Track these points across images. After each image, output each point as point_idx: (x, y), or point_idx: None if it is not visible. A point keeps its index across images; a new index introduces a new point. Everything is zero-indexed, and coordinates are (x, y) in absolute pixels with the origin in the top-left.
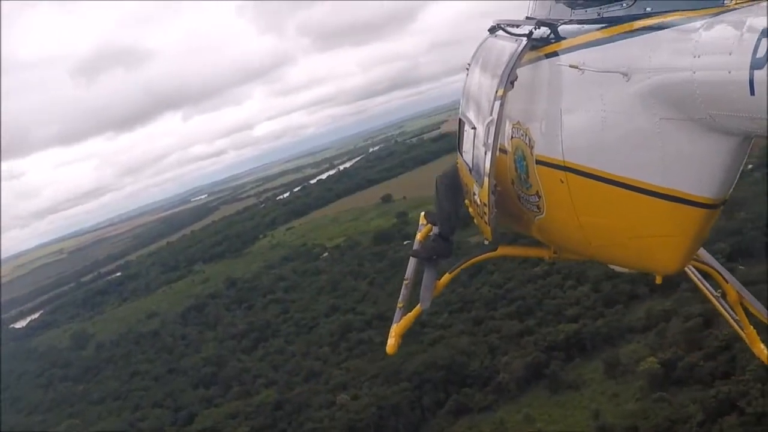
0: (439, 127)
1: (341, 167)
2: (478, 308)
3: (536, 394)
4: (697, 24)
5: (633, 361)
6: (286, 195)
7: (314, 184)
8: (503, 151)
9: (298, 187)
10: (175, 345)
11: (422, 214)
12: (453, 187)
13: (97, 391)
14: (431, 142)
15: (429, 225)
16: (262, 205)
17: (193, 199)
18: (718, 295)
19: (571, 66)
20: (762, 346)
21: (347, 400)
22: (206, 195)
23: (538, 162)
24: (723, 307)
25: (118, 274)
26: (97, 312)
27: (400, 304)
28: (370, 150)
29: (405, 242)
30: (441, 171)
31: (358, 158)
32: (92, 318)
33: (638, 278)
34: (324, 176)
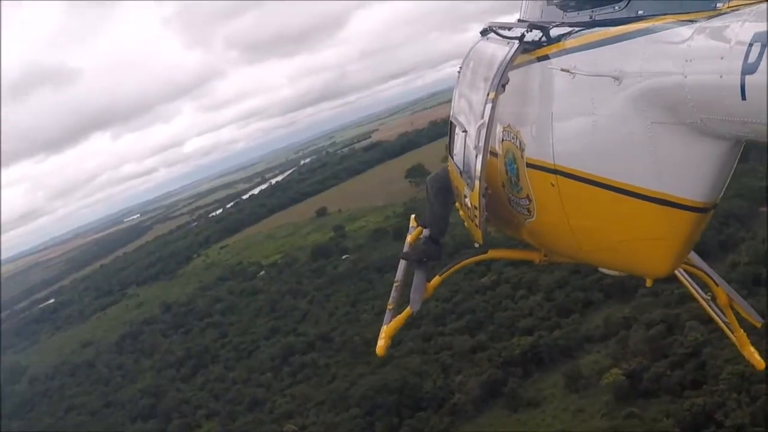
0: (370, 136)
1: (273, 181)
2: (427, 324)
3: (495, 413)
4: (689, 28)
5: (595, 373)
6: (218, 212)
7: (247, 199)
8: (494, 154)
9: (231, 203)
10: (111, 376)
11: (413, 216)
12: (443, 189)
13: (32, 428)
14: (363, 152)
15: (420, 227)
16: (195, 224)
17: (126, 220)
18: (708, 298)
19: (562, 69)
20: (752, 349)
21: (295, 429)
22: (139, 215)
23: (529, 165)
24: (713, 310)
25: (52, 300)
26: (31, 342)
27: (389, 306)
28: (302, 162)
29: (343, 257)
30: (432, 173)
31: (290, 171)
32: (26, 349)
33: (592, 285)
34: (256, 191)
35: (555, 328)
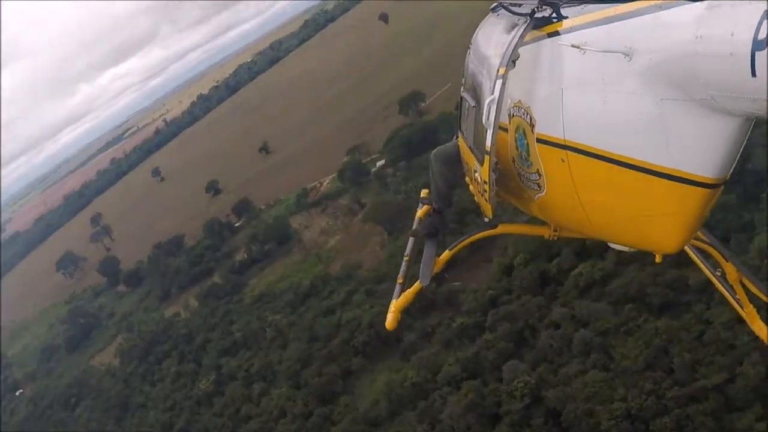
0: (5, 229)
1: None
2: None
3: None
4: (700, 4)
5: None
6: None
7: None
8: (504, 129)
9: None
10: None
11: (423, 191)
12: (447, 163)
13: None
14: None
15: (426, 206)
16: None
17: None
18: (718, 274)
19: (572, 46)
20: (761, 324)
21: None
22: None
23: (539, 141)
24: (723, 285)
25: None
26: None
27: (399, 280)
28: None
29: (17, 393)
30: (436, 148)
31: None
32: None
33: (340, 348)
34: None
35: (326, 423)
